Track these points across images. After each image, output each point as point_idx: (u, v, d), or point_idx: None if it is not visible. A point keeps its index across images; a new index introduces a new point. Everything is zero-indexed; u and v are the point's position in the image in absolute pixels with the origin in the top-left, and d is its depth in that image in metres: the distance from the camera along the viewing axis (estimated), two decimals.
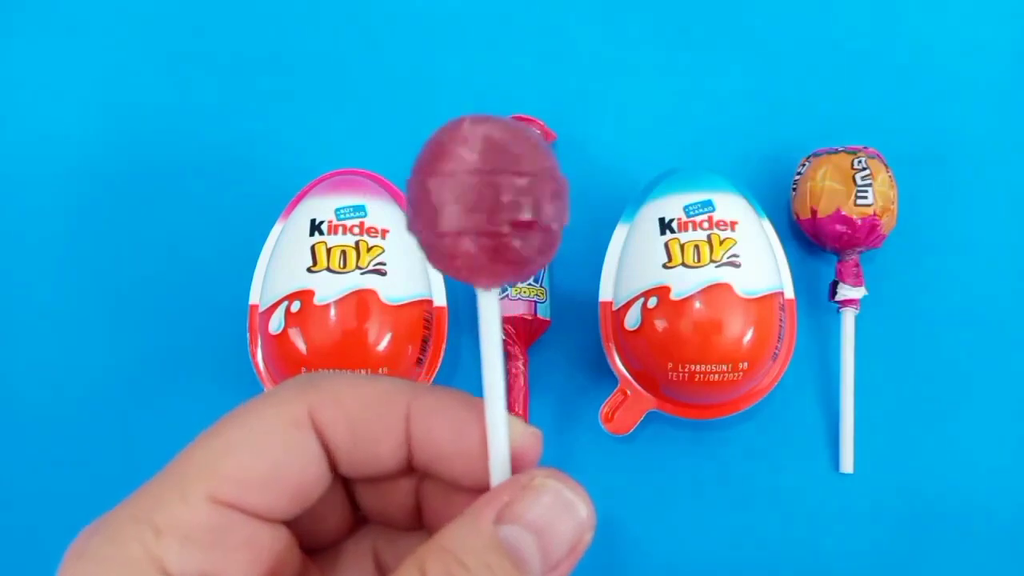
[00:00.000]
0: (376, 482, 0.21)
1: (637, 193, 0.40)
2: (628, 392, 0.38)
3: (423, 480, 0.21)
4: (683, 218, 0.37)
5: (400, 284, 0.36)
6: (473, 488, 0.19)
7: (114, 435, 0.39)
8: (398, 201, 0.38)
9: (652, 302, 0.36)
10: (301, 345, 0.35)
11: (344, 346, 0.35)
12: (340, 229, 0.36)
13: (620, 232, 0.39)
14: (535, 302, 0.39)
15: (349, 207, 0.37)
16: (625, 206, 0.39)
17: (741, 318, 0.36)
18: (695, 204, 0.37)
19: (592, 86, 0.45)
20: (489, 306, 0.19)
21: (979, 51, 0.46)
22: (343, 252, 0.36)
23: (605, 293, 0.38)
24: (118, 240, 0.42)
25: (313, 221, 0.37)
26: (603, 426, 0.37)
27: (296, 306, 0.35)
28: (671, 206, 0.38)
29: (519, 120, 0.42)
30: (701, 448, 0.39)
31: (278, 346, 0.36)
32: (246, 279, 0.38)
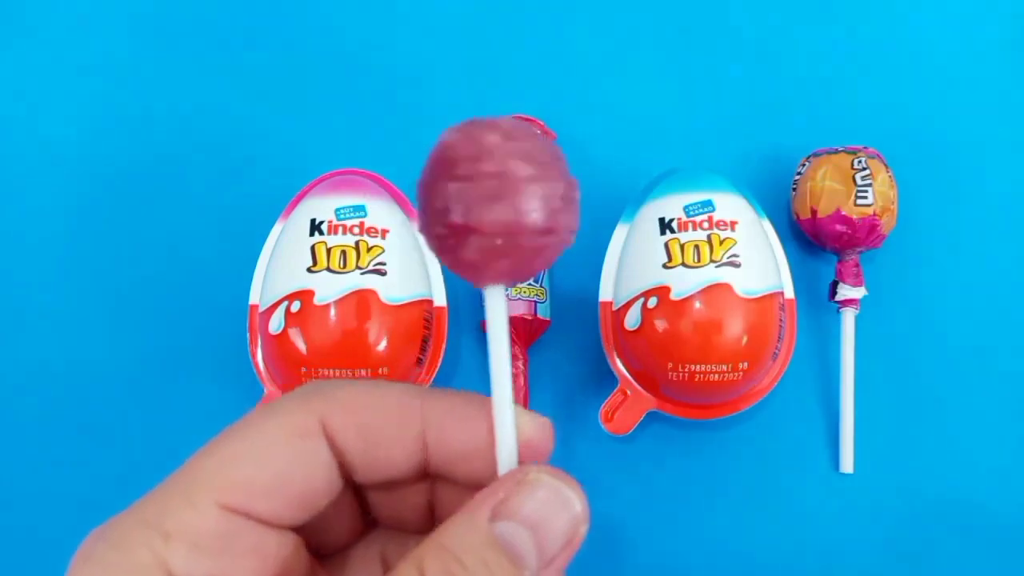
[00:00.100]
0: (390, 487, 0.21)
1: (637, 193, 0.40)
2: (628, 392, 0.38)
3: (436, 483, 0.21)
4: (683, 218, 0.37)
5: (400, 284, 0.36)
6: None
7: (114, 435, 0.39)
8: (398, 201, 0.38)
9: (652, 302, 0.36)
10: (301, 345, 0.35)
11: (344, 346, 0.35)
12: (340, 229, 0.36)
13: (620, 232, 0.39)
14: (535, 302, 0.39)
15: (349, 207, 0.37)
16: (625, 206, 0.39)
17: (741, 318, 0.36)
18: (695, 204, 0.37)
19: (592, 86, 0.45)
20: (496, 303, 0.19)
21: (979, 51, 0.46)
22: (343, 252, 0.36)
23: (605, 293, 0.38)
24: (118, 240, 0.42)
25: (313, 221, 0.37)
26: (603, 426, 0.37)
27: (296, 306, 0.35)
28: (671, 206, 0.38)
29: (518, 119, 0.42)
30: (701, 448, 0.39)
31: (278, 346, 0.36)
32: (246, 279, 0.38)
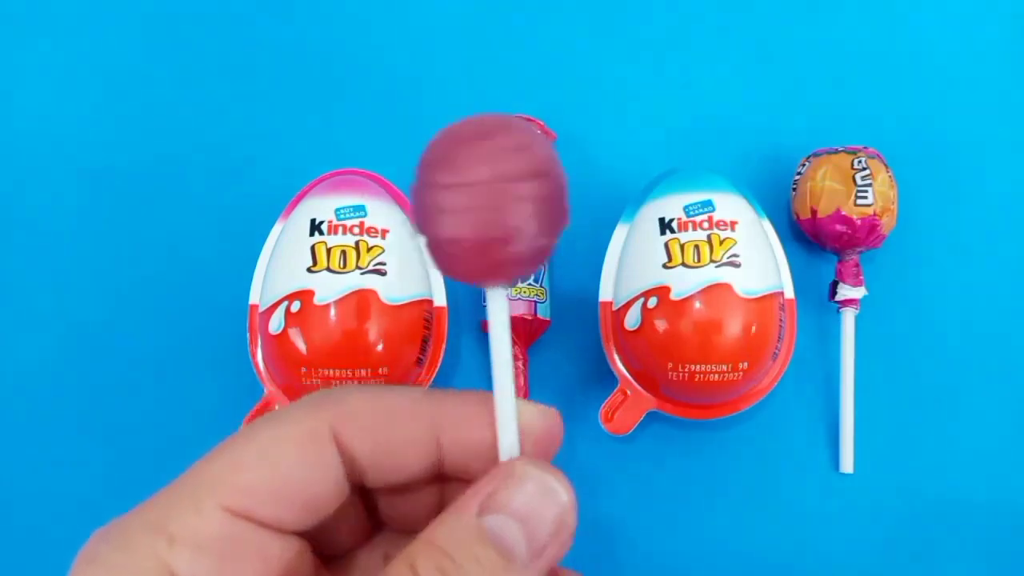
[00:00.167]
0: (401, 490, 0.21)
1: (637, 193, 0.40)
2: (628, 392, 0.38)
3: (448, 484, 0.21)
4: (683, 218, 0.37)
5: (400, 284, 0.36)
6: None
7: (114, 434, 0.39)
8: (398, 201, 0.38)
9: (652, 302, 0.36)
10: (301, 345, 0.35)
11: (344, 346, 0.35)
12: (340, 229, 0.36)
13: (620, 232, 0.39)
14: (535, 302, 0.39)
15: (349, 207, 0.37)
16: (625, 206, 0.39)
17: (741, 318, 0.36)
18: (695, 204, 0.37)
19: (592, 86, 0.45)
20: (498, 303, 0.19)
21: (979, 51, 0.46)
22: (343, 252, 0.36)
23: (605, 293, 0.38)
24: (118, 240, 0.42)
25: (313, 221, 0.37)
26: (603, 426, 0.37)
27: (296, 306, 0.35)
28: (671, 206, 0.38)
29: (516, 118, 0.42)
30: (701, 448, 0.39)
31: (278, 346, 0.35)
32: (246, 279, 0.38)
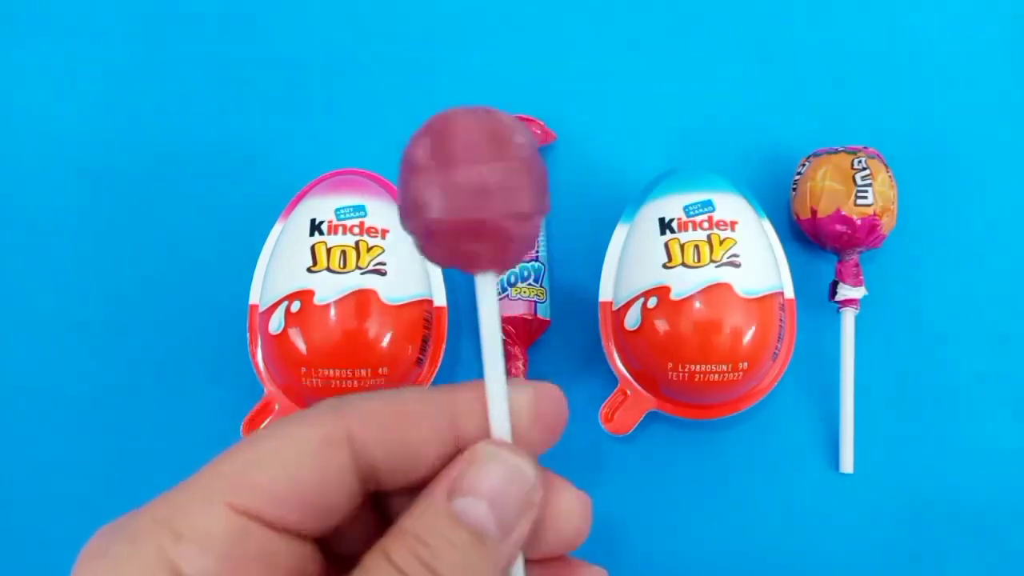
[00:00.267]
0: (415, 492, 0.21)
1: (637, 193, 0.40)
2: (628, 392, 0.38)
3: None
4: (683, 218, 0.37)
5: (400, 284, 0.36)
6: None
7: (114, 435, 0.39)
8: (397, 201, 0.38)
9: (652, 302, 0.36)
10: (301, 345, 0.35)
11: (344, 346, 0.35)
12: (340, 229, 0.36)
13: (620, 232, 0.39)
14: (535, 302, 0.39)
15: (349, 207, 0.37)
16: (625, 206, 0.39)
17: (741, 318, 0.36)
18: (695, 204, 0.37)
19: (592, 86, 0.45)
20: (487, 290, 0.19)
21: (979, 51, 0.46)
22: (343, 252, 0.36)
23: (605, 293, 0.38)
24: (118, 240, 0.42)
25: (313, 221, 0.37)
26: (603, 426, 0.37)
27: (296, 306, 0.35)
28: (671, 206, 0.38)
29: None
30: (701, 448, 0.39)
31: (278, 346, 0.36)
32: (246, 279, 0.38)
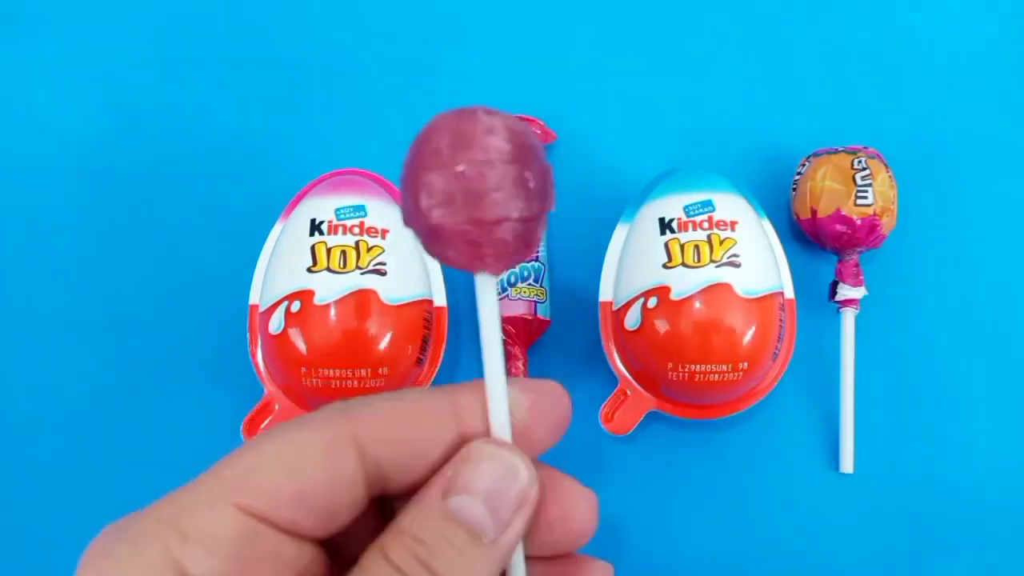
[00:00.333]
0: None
1: (637, 193, 0.40)
2: (628, 392, 0.38)
3: None
4: (683, 218, 0.37)
5: (400, 284, 0.36)
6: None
7: (113, 435, 0.39)
8: (398, 201, 0.38)
9: (652, 302, 0.36)
10: (301, 345, 0.35)
11: (344, 346, 0.35)
12: (340, 229, 0.36)
13: (620, 232, 0.39)
14: (535, 302, 0.39)
15: (349, 207, 0.37)
16: (625, 206, 0.39)
17: (741, 318, 0.36)
18: (695, 204, 0.37)
19: (592, 86, 0.45)
20: (487, 289, 0.19)
21: (979, 51, 0.46)
22: (343, 252, 0.36)
23: (605, 293, 0.38)
24: (118, 240, 0.42)
25: (313, 221, 0.37)
26: (603, 426, 0.37)
27: (296, 306, 0.35)
28: (671, 206, 0.38)
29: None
30: (701, 448, 0.39)
31: (278, 346, 0.36)
32: (246, 279, 0.38)
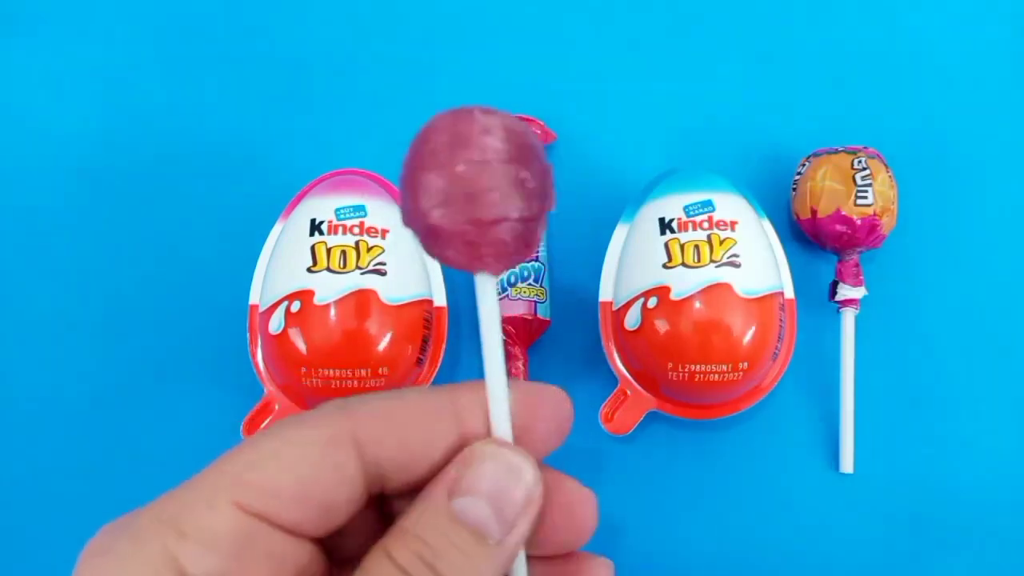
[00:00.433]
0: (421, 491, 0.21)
1: (637, 193, 0.40)
2: (628, 392, 0.38)
3: None
4: (683, 218, 0.37)
5: (400, 284, 0.36)
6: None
7: (113, 435, 0.39)
8: (398, 201, 0.38)
9: (652, 302, 0.36)
10: (301, 345, 0.35)
11: (344, 346, 0.35)
12: (340, 229, 0.36)
13: (620, 232, 0.39)
14: (535, 302, 0.39)
15: (349, 207, 0.37)
16: (625, 206, 0.39)
17: (741, 318, 0.36)
18: (695, 204, 0.37)
19: (592, 86, 0.45)
20: (487, 290, 0.19)
21: (979, 51, 0.46)
22: (343, 252, 0.36)
23: (605, 293, 0.38)
24: (118, 240, 0.42)
25: (313, 221, 0.37)
26: (603, 426, 0.37)
27: (296, 306, 0.35)
28: (671, 206, 0.38)
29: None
30: (701, 448, 0.39)
31: (278, 346, 0.36)
32: (246, 279, 0.38)
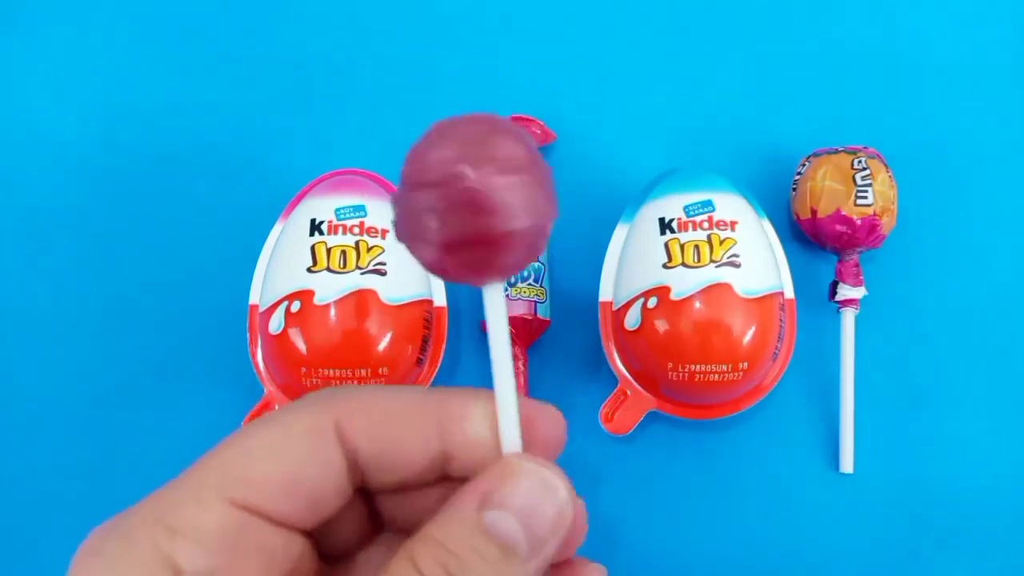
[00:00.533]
0: (403, 490, 0.21)
1: (637, 193, 0.40)
2: (628, 392, 0.38)
3: (450, 485, 0.21)
4: (683, 218, 0.37)
5: (400, 284, 0.36)
6: None
7: (113, 435, 0.39)
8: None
9: (652, 302, 0.36)
10: (301, 345, 0.35)
11: (344, 346, 0.35)
12: (340, 229, 0.36)
13: (620, 232, 0.39)
14: (535, 302, 0.39)
15: (349, 207, 0.37)
16: (625, 206, 0.39)
17: (741, 318, 0.36)
18: (695, 204, 0.37)
19: (592, 86, 0.45)
20: (494, 300, 0.19)
21: (979, 51, 0.46)
22: (343, 252, 0.36)
23: (605, 293, 0.38)
24: (118, 240, 0.42)
25: (313, 221, 0.37)
26: (603, 426, 0.37)
27: (296, 306, 0.35)
28: (671, 206, 0.38)
29: (518, 119, 0.42)
30: (701, 448, 0.39)
31: (278, 346, 0.36)
32: (246, 279, 0.38)
